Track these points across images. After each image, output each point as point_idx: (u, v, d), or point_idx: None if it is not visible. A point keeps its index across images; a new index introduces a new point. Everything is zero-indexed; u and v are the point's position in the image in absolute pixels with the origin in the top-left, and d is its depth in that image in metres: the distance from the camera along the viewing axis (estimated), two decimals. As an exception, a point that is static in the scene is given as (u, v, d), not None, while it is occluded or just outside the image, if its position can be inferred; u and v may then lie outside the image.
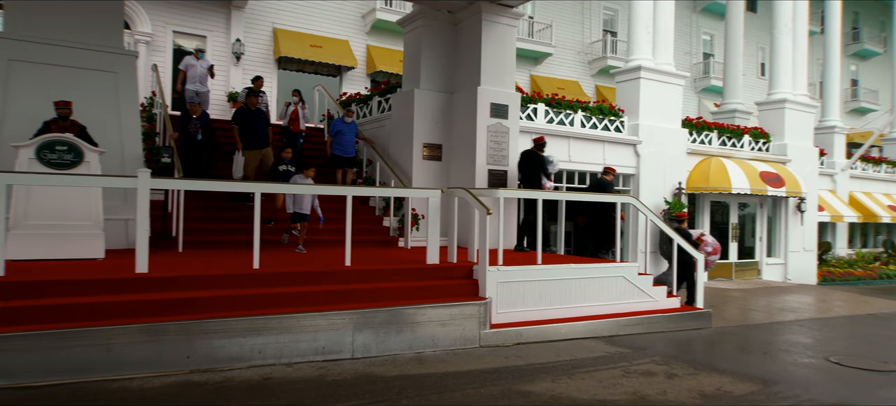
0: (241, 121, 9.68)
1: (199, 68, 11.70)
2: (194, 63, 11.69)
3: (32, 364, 4.64)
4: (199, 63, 11.75)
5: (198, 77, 11.68)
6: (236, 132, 9.63)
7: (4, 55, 7.65)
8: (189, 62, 11.70)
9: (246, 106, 9.85)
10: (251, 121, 9.70)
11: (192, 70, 11.64)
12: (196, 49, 12.02)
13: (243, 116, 9.71)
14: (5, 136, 7.35)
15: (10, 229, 6.22)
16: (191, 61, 11.72)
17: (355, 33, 18.30)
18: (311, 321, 5.76)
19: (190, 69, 11.64)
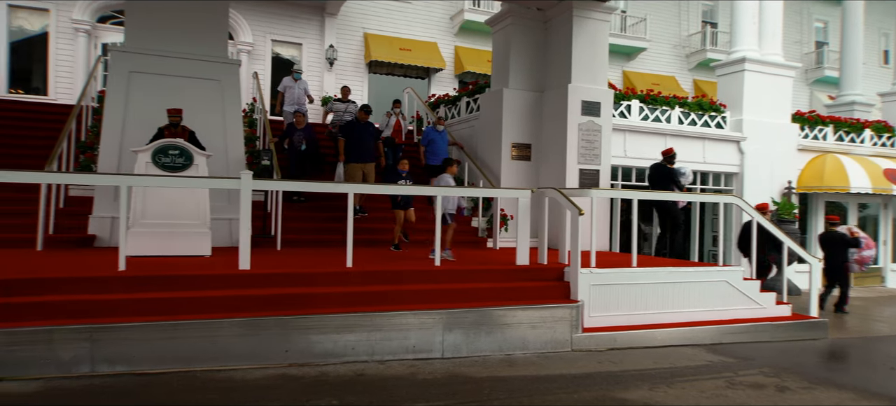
0: (348, 133, 9.76)
1: (296, 90, 11.75)
2: (292, 85, 11.76)
3: (148, 353, 4.99)
4: (297, 85, 11.80)
5: (295, 99, 11.70)
6: (341, 144, 9.76)
7: (126, 67, 8.31)
8: (287, 84, 11.80)
9: (355, 119, 9.92)
10: (358, 134, 9.70)
11: (290, 92, 11.71)
12: (294, 70, 12.12)
13: (350, 129, 9.78)
14: (126, 142, 8.00)
15: (130, 227, 6.73)
16: (289, 83, 11.83)
17: (443, 35, 18.45)
18: (402, 320, 5.82)
19: (288, 90, 11.73)
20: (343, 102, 11.72)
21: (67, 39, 14.76)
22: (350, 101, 11.77)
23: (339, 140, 9.81)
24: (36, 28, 14.77)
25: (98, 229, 7.92)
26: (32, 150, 9.32)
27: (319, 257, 7.32)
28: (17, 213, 7.68)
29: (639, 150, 11.58)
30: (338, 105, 11.73)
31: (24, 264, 5.89)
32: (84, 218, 8.04)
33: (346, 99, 11.82)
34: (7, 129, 10.32)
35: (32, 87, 14.86)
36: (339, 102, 11.79)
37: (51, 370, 4.72)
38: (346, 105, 11.64)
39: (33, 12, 14.65)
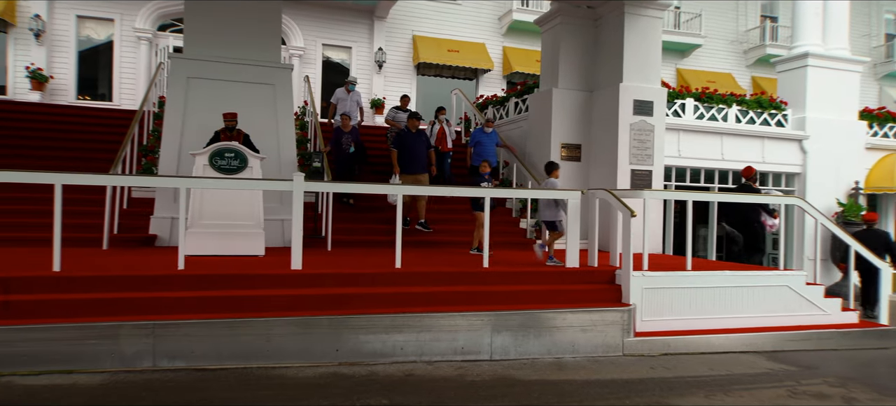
0: (401, 144, 9.46)
1: (349, 102, 11.66)
2: (345, 97, 11.67)
3: (206, 349, 5.15)
4: (350, 97, 11.72)
5: (347, 111, 11.48)
6: (394, 156, 9.46)
7: (184, 73, 8.62)
8: (340, 96, 11.71)
9: (407, 129, 9.65)
10: (411, 145, 9.45)
11: (342, 104, 11.61)
12: (347, 81, 11.93)
13: (403, 140, 9.48)
14: (184, 145, 8.30)
15: (188, 228, 6.97)
16: (342, 95, 11.73)
17: (491, 35, 18.41)
18: (451, 321, 5.82)
19: (340, 102, 11.64)
20: (403, 111, 11.53)
21: (130, 47, 15.45)
22: (410, 109, 11.56)
23: (392, 152, 9.58)
24: (102, 37, 15.52)
25: (159, 229, 8.24)
26: (99, 153, 9.77)
27: (369, 258, 7.40)
28: (85, 213, 8.06)
29: (693, 150, 11.25)
30: (399, 114, 11.53)
31: (92, 262, 6.18)
32: (146, 218, 8.38)
33: (405, 108, 11.65)
34: (76, 133, 10.87)
35: (98, 93, 15.62)
36: (399, 112, 11.61)
37: (115, 364, 4.94)
38: (406, 114, 11.27)
39: (99, 22, 15.40)
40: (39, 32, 14.53)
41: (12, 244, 7.43)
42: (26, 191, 8.17)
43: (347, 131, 10.12)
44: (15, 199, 8.33)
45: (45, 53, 14.70)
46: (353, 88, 11.81)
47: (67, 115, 11.91)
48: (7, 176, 5.69)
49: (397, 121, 11.39)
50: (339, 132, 10.15)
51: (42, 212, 7.63)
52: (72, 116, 11.87)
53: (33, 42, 14.60)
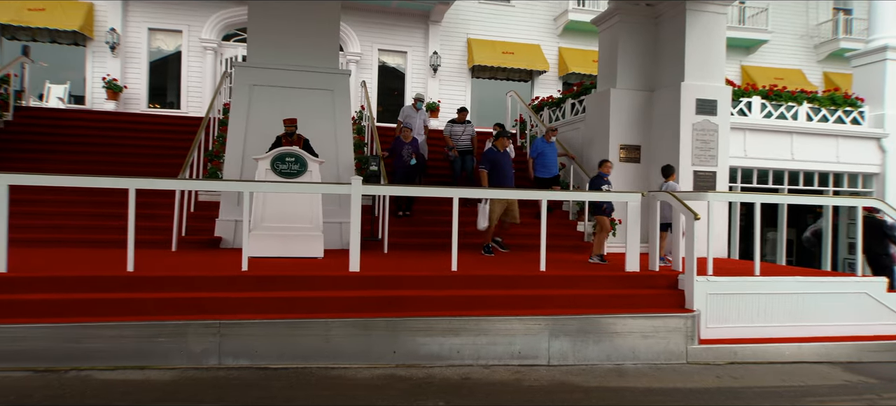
0: (493, 165, 8.57)
1: (417, 120, 11.16)
2: (413, 114, 11.20)
3: (269, 348, 5.29)
4: (419, 115, 11.23)
5: (415, 129, 11.00)
6: (485, 177, 8.55)
7: (248, 81, 8.91)
8: (408, 113, 11.26)
9: (495, 148, 8.85)
10: (503, 164, 8.64)
11: (409, 120, 11.10)
12: (416, 98, 11.49)
13: (493, 159, 8.62)
14: (248, 150, 8.57)
15: (251, 230, 7.19)
16: (410, 112, 11.26)
17: (547, 36, 18.22)
18: (507, 325, 5.77)
19: (408, 120, 11.09)
20: (461, 124, 11.07)
21: (197, 57, 16.12)
22: (468, 121, 11.15)
23: (482, 173, 8.60)
24: (170, 48, 16.26)
25: (223, 231, 8.53)
26: (168, 159, 10.22)
27: (425, 261, 7.43)
28: (155, 216, 8.43)
29: (761, 150, 10.78)
30: (456, 128, 11.05)
31: (162, 263, 6.45)
32: (211, 221, 8.70)
33: (463, 120, 11.15)
34: (147, 140, 11.40)
35: (167, 101, 16.36)
36: (456, 125, 11.10)
37: (184, 361, 5.13)
38: (463, 127, 11.03)
39: (169, 34, 16.14)
40: (115, 45, 15.36)
41: (91, 245, 7.85)
42: (103, 195, 8.61)
43: (408, 142, 9.91)
44: (92, 202, 8.80)
45: (120, 65, 15.51)
46: (420, 106, 11.35)
47: (139, 123, 12.51)
48: (86, 181, 6.02)
49: (453, 134, 10.99)
50: (399, 143, 9.96)
51: (116, 215, 8.04)
52: (143, 124, 12.46)
53: (109, 54, 15.44)
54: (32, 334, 4.91)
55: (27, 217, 7.85)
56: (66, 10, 14.98)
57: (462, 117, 11.18)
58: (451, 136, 11.00)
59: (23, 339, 4.89)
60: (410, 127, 10.34)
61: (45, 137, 10.81)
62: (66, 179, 6.12)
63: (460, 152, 10.90)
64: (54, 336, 4.94)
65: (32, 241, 7.37)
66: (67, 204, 8.75)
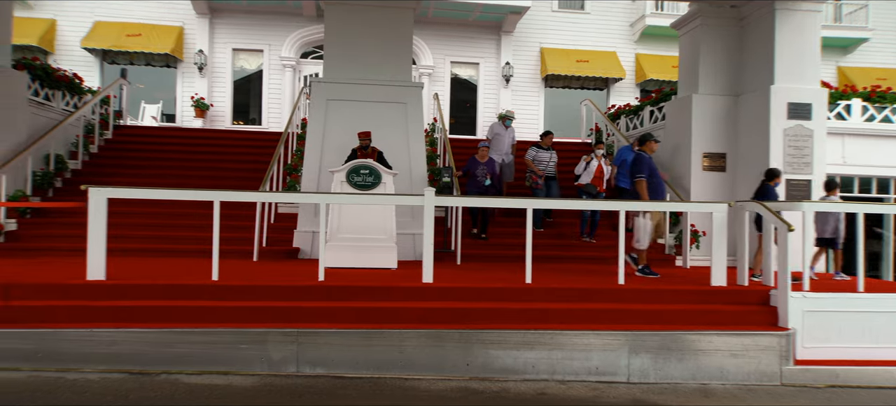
0: (651, 169, 7.47)
1: (506, 138, 10.59)
2: (502, 132, 10.62)
3: (344, 358, 5.34)
4: (508, 133, 10.65)
5: (505, 148, 10.57)
6: (644, 187, 7.34)
7: (324, 96, 9.16)
8: (497, 131, 10.68)
9: (646, 153, 7.60)
10: (656, 172, 7.67)
11: (498, 140, 10.55)
12: (504, 115, 10.91)
13: (650, 165, 7.48)
14: (324, 163, 8.79)
15: (327, 241, 7.34)
16: (498, 130, 10.70)
17: (623, 43, 17.75)
18: (584, 339, 5.58)
19: (496, 139, 10.56)
20: (547, 151, 10.05)
21: (276, 74, 16.79)
22: (552, 149, 10.21)
23: (641, 183, 7.34)
24: (252, 67, 17.04)
25: (301, 242, 8.77)
26: (250, 172, 10.64)
27: (499, 273, 7.33)
28: (238, 227, 8.78)
29: (862, 157, 10.01)
30: (541, 154, 9.99)
31: (244, 272, 6.69)
32: (290, 232, 8.96)
33: (549, 146, 10.14)
34: (231, 155, 11.94)
35: (249, 118, 17.13)
36: (542, 151, 10.02)
37: (264, 368, 5.27)
38: (549, 153, 10.04)
39: (251, 53, 16.92)
40: (202, 66, 16.26)
41: (179, 255, 8.27)
42: (190, 207, 9.06)
43: (484, 162, 9.46)
44: (180, 214, 9.28)
45: (207, 84, 16.39)
46: (509, 123, 10.73)
47: (224, 139, 13.14)
48: (175, 194, 6.35)
49: (538, 160, 9.96)
50: (474, 163, 9.50)
51: (202, 226, 8.43)
52: (227, 140, 13.08)
53: (197, 75, 16.35)
54: (128, 338, 5.19)
55: (121, 227, 8.35)
56: (159, 34, 16.01)
57: (548, 141, 10.15)
58: (534, 161, 10.00)
59: (119, 342, 5.17)
60: (487, 146, 9.89)
61: (140, 153, 11.53)
62: (158, 192, 6.48)
63: (546, 180, 9.98)
64: (147, 341, 5.20)
65: (126, 250, 7.83)
66: (158, 215, 9.28)
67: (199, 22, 16.29)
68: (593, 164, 9.72)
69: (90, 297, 5.58)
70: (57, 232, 8.75)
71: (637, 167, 7.42)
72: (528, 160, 10.02)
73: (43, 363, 5.10)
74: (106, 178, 10.10)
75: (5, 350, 5.08)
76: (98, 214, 5.79)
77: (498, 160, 10.19)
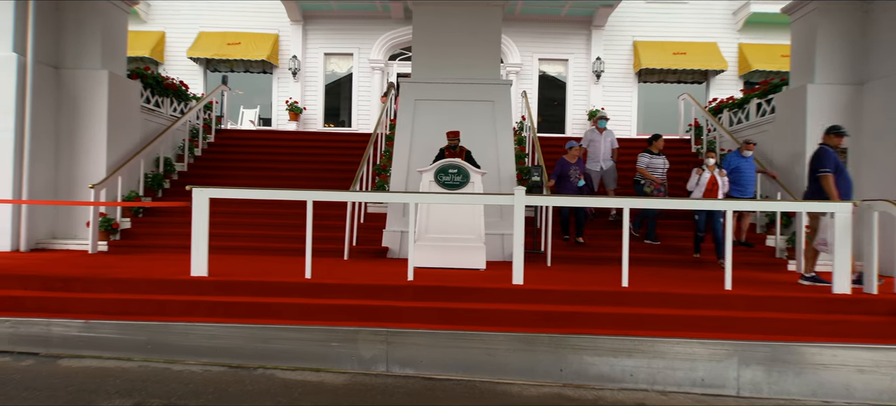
0: (837, 165, 6.84)
1: (602, 143, 9.75)
2: (597, 138, 9.72)
3: (434, 359, 5.26)
4: (603, 137, 9.78)
5: (601, 155, 9.77)
6: (831, 182, 6.76)
7: (412, 96, 9.18)
8: (591, 137, 9.79)
9: (828, 146, 6.96)
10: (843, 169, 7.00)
11: (594, 146, 9.68)
12: (598, 116, 10.14)
13: (835, 160, 6.85)
14: (412, 163, 8.81)
15: (416, 241, 7.32)
16: (593, 136, 9.74)
17: (724, 33, 16.70)
18: (688, 348, 5.18)
19: (592, 145, 9.70)
20: (659, 156, 9.22)
21: (365, 77, 17.15)
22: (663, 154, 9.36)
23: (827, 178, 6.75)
24: (343, 70, 17.50)
25: (390, 242, 8.83)
26: (341, 173, 10.88)
27: (592, 275, 7.03)
28: (329, 226, 8.97)
29: None
30: (655, 160, 9.16)
31: (335, 271, 6.79)
32: (379, 232, 9.05)
33: (661, 151, 9.28)
34: (322, 156, 12.28)
35: (339, 120, 17.60)
36: (654, 157, 9.19)
37: (355, 366, 5.29)
38: (662, 159, 9.23)
39: (341, 57, 17.40)
40: (296, 71, 16.88)
41: (273, 253, 8.55)
42: (284, 206, 9.37)
43: (574, 162, 8.94)
44: (275, 213, 9.62)
45: (300, 88, 17.01)
46: (603, 124, 9.98)
47: (315, 141, 13.55)
48: (271, 194, 6.54)
49: (651, 167, 9.11)
50: (564, 164, 8.94)
51: (294, 225, 8.68)
52: (319, 142, 13.47)
53: (291, 79, 17.01)
54: (228, 333, 5.37)
55: (221, 226, 8.76)
56: (256, 42, 16.78)
57: (659, 146, 9.25)
58: (649, 169, 9.11)
59: (219, 336, 5.36)
60: (577, 145, 9.29)
61: (239, 156, 12.10)
62: (255, 192, 6.70)
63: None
64: (244, 336, 5.36)
65: (225, 248, 8.18)
66: (253, 215, 9.67)
67: (293, 28, 16.93)
68: (705, 177, 8.41)
69: (194, 293, 5.84)
70: (165, 230, 9.32)
71: (821, 162, 6.82)
72: (642, 168, 9.14)
73: (152, 354, 5.38)
74: (208, 179, 10.65)
75: (124, 340, 5.41)
76: (201, 213, 6.06)
77: (596, 168, 9.58)
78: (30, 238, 8.72)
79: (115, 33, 9.85)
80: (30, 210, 8.68)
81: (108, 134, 9.34)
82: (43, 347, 5.50)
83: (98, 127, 9.28)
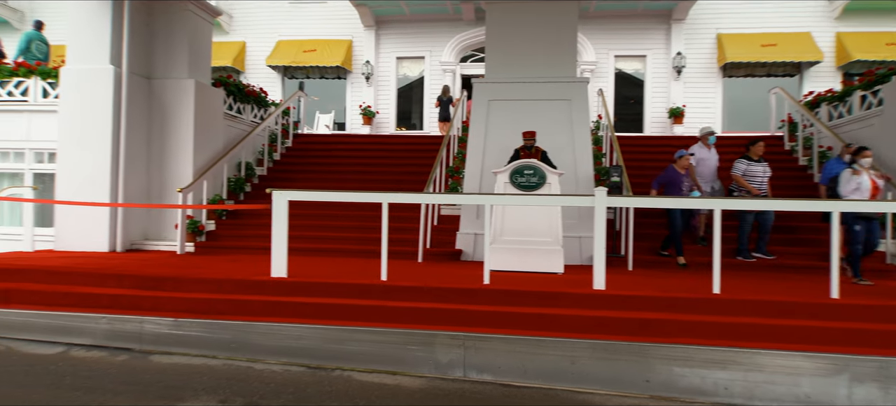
0: None
1: (711, 161, 8.89)
2: (706, 155, 8.83)
3: (512, 365, 5.10)
4: (711, 153, 8.90)
5: (710, 175, 8.87)
6: None
7: (485, 97, 9.05)
8: (701, 155, 8.81)
9: None
10: None
11: (704, 165, 8.79)
12: (705, 134, 9.01)
13: None
14: (486, 164, 8.67)
15: (491, 243, 7.17)
16: (702, 154, 8.81)
17: (819, 22, 15.58)
18: (790, 361, 4.77)
19: (701, 163, 8.82)
20: (759, 163, 8.27)
21: (437, 79, 17.18)
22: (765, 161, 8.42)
23: None
24: (414, 74, 17.61)
25: (464, 244, 8.73)
26: (414, 175, 10.89)
27: (677, 280, 6.65)
28: (403, 229, 8.98)
29: None
30: (754, 167, 8.22)
31: (410, 273, 6.75)
32: (452, 234, 8.97)
33: (761, 157, 8.38)
34: (395, 159, 12.35)
35: (411, 123, 17.71)
36: (753, 164, 8.25)
37: (431, 370, 5.20)
38: (762, 166, 8.28)
39: (413, 61, 17.52)
40: (369, 75, 17.15)
41: (349, 255, 8.64)
42: (358, 209, 9.45)
43: (683, 172, 8.04)
44: (349, 216, 9.73)
45: (373, 93, 17.26)
46: (712, 140, 9.02)
47: (388, 144, 13.67)
48: (346, 196, 6.57)
49: (749, 174, 8.23)
50: (674, 173, 8.01)
51: (369, 227, 8.73)
52: (391, 145, 13.58)
53: (364, 84, 17.28)
54: (307, 334, 5.43)
55: (298, 228, 8.93)
56: (331, 48, 17.18)
57: (758, 151, 8.30)
58: (746, 177, 8.24)
59: (299, 337, 5.42)
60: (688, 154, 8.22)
61: (315, 159, 12.37)
62: (332, 195, 6.77)
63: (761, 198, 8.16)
64: (322, 337, 5.39)
65: (303, 250, 8.33)
66: (328, 217, 9.82)
67: (366, 34, 17.20)
68: (866, 182, 7.07)
69: (275, 293, 5.95)
70: (247, 232, 9.62)
71: None
72: (738, 176, 8.24)
73: (236, 353, 5.51)
74: (286, 182, 10.94)
75: (210, 339, 5.58)
76: (280, 216, 6.17)
77: (707, 189, 8.78)
78: (125, 239, 9.22)
79: (201, 44, 10.29)
80: (125, 213, 9.18)
81: (195, 140, 9.75)
82: (137, 344, 5.75)
83: (185, 133, 9.71)
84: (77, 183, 9.01)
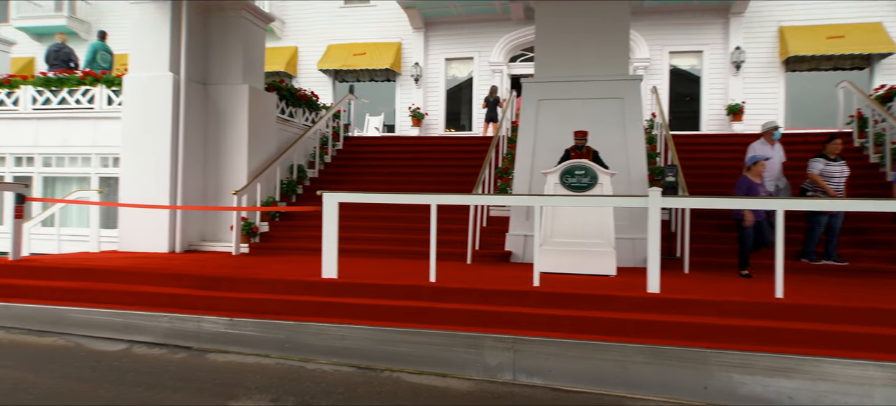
0: None
1: (775, 160, 8.37)
2: (770, 153, 8.25)
3: (562, 369, 5.01)
4: (775, 150, 8.39)
5: (775, 174, 8.36)
6: None
7: (535, 96, 8.94)
8: (762, 153, 8.14)
9: None
10: None
11: (768, 165, 8.02)
12: (768, 129, 8.46)
13: None
14: (536, 165, 8.56)
15: (541, 245, 7.07)
16: (765, 151, 8.22)
17: (890, 11, 14.70)
18: (861, 371, 4.50)
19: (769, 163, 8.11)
20: (836, 162, 7.90)
21: (486, 79, 17.11)
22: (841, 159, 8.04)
23: None
24: (463, 75, 17.59)
25: (513, 246, 8.64)
26: (462, 176, 10.86)
27: (737, 285, 6.38)
28: (452, 230, 8.96)
29: None
30: (832, 167, 7.85)
31: (459, 275, 6.72)
32: (501, 236, 8.89)
33: (839, 155, 7.99)
34: (445, 160, 12.36)
35: (460, 124, 17.70)
36: (831, 163, 7.88)
37: (480, 373, 5.16)
38: (840, 165, 7.90)
39: (462, 61, 17.52)
40: (418, 77, 17.24)
41: (398, 256, 8.69)
42: (407, 210, 9.49)
43: (758, 182, 7.26)
44: (398, 217, 9.78)
45: (422, 94, 17.34)
46: (777, 136, 8.44)
47: (437, 146, 13.69)
48: (396, 198, 6.61)
49: (829, 177, 7.83)
50: (750, 184, 7.17)
51: (418, 229, 8.75)
52: (440, 146, 13.60)
53: (413, 86, 17.39)
54: (356, 334, 5.48)
55: (348, 230, 9.05)
56: (380, 51, 17.36)
57: (836, 149, 7.90)
58: (824, 177, 7.86)
59: (348, 338, 5.48)
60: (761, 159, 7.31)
61: (365, 161, 12.51)
62: (381, 197, 6.82)
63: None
64: (372, 338, 5.43)
65: (353, 251, 8.43)
66: (379, 219, 9.90)
67: (415, 36, 17.30)
68: None
69: (326, 294, 6.03)
70: (299, 233, 9.82)
71: None
72: (815, 175, 7.86)
73: (288, 352, 5.61)
74: (337, 184, 11.10)
75: (264, 338, 5.71)
76: (331, 217, 6.25)
77: (771, 189, 8.28)
78: (183, 240, 9.56)
79: (254, 50, 10.57)
80: (183, 215, 9.52)
81: (249, 143, 10.02)
82: (195, 342, 5.94)
83: (240, 137, 9.99)
84: (139, 186, 9.40)
